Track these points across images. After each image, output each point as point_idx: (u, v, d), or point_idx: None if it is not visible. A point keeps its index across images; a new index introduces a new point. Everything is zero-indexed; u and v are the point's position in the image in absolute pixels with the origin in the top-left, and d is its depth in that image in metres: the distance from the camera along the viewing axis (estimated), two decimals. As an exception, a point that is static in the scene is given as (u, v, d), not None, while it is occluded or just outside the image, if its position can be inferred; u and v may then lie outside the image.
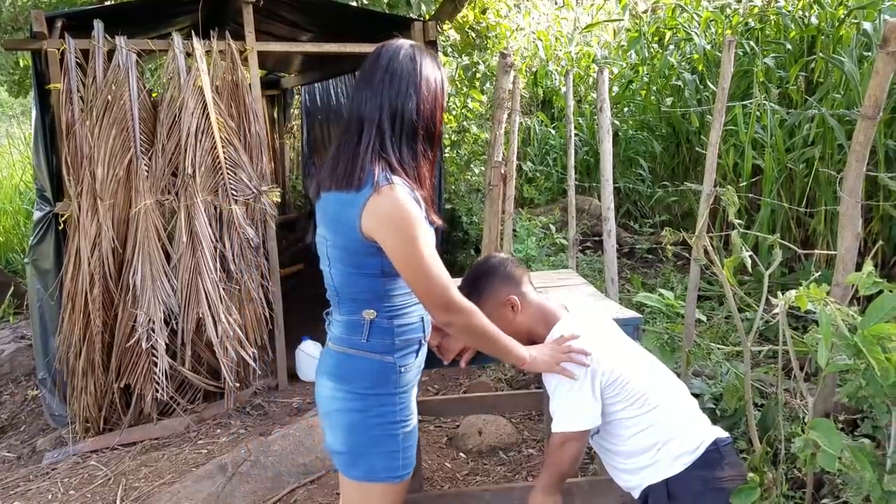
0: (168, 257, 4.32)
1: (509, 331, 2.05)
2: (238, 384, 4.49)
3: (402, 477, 1.94)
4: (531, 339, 2.09)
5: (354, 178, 1.77)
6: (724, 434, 1.98)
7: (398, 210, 1.74)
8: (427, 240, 1.78)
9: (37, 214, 4.35)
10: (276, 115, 8.78)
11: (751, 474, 1.86)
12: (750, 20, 6.44)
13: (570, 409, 1.97)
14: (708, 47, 6.70)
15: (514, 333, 2.04)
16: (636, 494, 2.02)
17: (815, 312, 1.87)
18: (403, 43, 1.90)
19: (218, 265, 4.34)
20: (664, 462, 1.92)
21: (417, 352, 1.97)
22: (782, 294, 2.06)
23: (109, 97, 4.23)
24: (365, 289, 1.86)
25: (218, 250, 4.37)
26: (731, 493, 1.92)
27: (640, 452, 1.96)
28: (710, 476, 1.90)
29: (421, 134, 1.85)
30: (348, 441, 1.91)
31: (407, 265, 1.77)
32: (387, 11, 6.21)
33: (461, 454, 3.78)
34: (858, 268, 2.16)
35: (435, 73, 1.89)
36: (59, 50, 4.18)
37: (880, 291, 1.93)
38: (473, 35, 7.57)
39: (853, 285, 2.08)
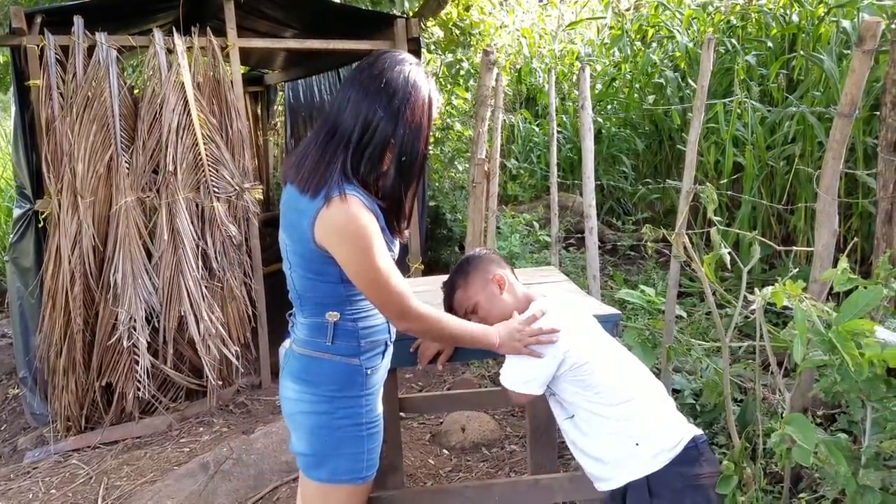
0: (149, 255, 4.30)
1: (496, 308, 2.09)
2: (221, 382, 4.47)
3: (365, 478, 1.93)
4: None
5: (313, 183, 1.73)
6: (699, 432, 2.00)
7: (350, 222, 1.70)
8: (381, 251, 1.75)
9: (17, 212, 4.31)
10: (259, 111, 8.73)
11: (725, 462, 1.88)
12: (732, 18, 6.49)
13: (517, 372, 2.01)
14: (690, 45, 6.74)
15: (500, 311, 2.08)
16: (605, 487, 2.02)
17: (792, 308, 1.89)
18: (406, 58, 1.82)
19: (200, 263, 4.32)
20: (643, 458, 1.92)
21: (384, 353, 1.96)
22: (761, 290, 2.08)
23: (90, 94, 4.20)
24: (327, 293, 1.84)
25: (200, 248, 4.35)
26: (709, 489, 1.93)
27: (616, 446, 1.96)
28: (690, 473, 1.91)
29: (394, 157, 1.78)
30: (314, 443, 1.89)
31: (360, 277, 1.75)
32: (370, 8, 6.19)
33: (444, 451, 3.79)
34: (836, 264, 2.18)
35: (426, 98, 1.80)
36: (38, 46, 4.15)
37: (856, 287, 1.95)
38: (457, 32, 7.57)
39: (830, 281, 2.11)
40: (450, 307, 2.17)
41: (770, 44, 5.84)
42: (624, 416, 1.95)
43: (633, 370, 2.07)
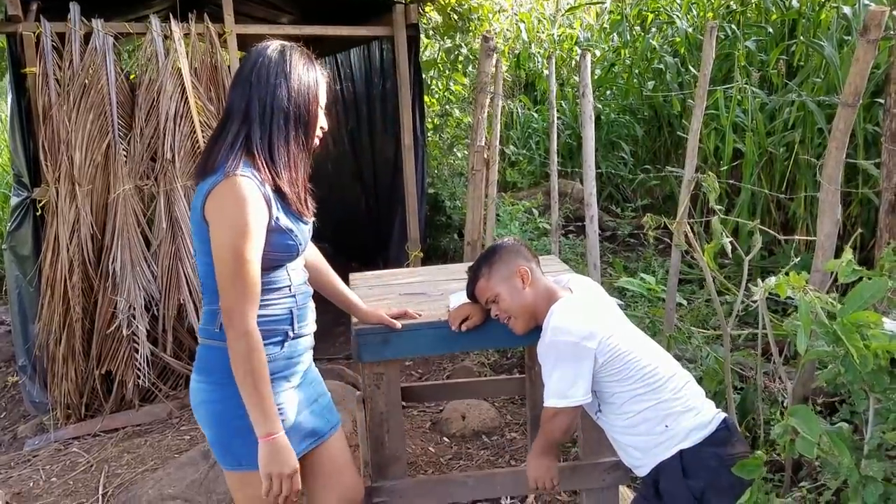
0: (148, 243, 4.29)
1: (516, 301, 2.07)
2: (220, 370, 4.47)
3: None
4: (535, 315, 2.09)
5: (208, 167, 1.79)
6: (725, 413, 2.03)
7: (234, 200, 1.72)
8: (253, 243, 1.73)
9: (14, 200, 4.30)
10: (256, 97, 8.72)
11: (758, 451, 1.89)
12: (731, 3, 6.45)
13: (561, 385, 1.95)
14: (690, 30, 6.71)
15: (522, 306, 2.06)
16: (643, 472, 2.03)
17: (794, 297, 1.89)
18: (273, 42, 1.90)
19: (199, 251, 4.31)
20: (677, 436, 1.93)
21: (283, 343, 1.91)
22: (762, 278, 2.07)
23: (86, 81, 4.18)
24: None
25: (199, 236, 4.33)
26: None
27: (652, 428, 1.96)
28: (724, 453, 1.92)
29: (292, 123, 1.84)
30: (216, 432, 1.88)
31: (220, 257, 1.73)
32: (368, -7, 6.14)
33: (445, 439, 3.80)
34: (838, 252, 2.18)
35: (273, 58, 1.86)
36: (34, 33, 4.12)
37: (860, 278, 1.94)
38: (456, 17, 7.51)
39: (832, 271, 2.10)
40: (471, 294, 2.16)
41: (770, 29, 5.81)
42: (657, 399, 1.96)
43: (664, 353, 2.09)
